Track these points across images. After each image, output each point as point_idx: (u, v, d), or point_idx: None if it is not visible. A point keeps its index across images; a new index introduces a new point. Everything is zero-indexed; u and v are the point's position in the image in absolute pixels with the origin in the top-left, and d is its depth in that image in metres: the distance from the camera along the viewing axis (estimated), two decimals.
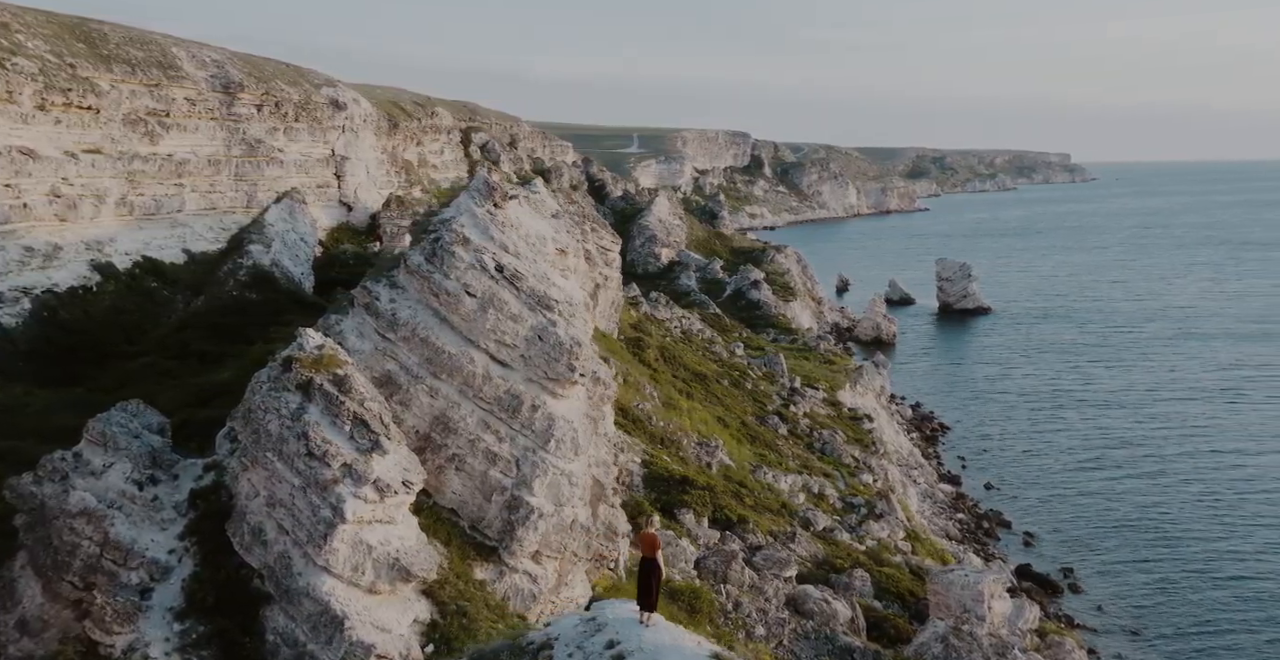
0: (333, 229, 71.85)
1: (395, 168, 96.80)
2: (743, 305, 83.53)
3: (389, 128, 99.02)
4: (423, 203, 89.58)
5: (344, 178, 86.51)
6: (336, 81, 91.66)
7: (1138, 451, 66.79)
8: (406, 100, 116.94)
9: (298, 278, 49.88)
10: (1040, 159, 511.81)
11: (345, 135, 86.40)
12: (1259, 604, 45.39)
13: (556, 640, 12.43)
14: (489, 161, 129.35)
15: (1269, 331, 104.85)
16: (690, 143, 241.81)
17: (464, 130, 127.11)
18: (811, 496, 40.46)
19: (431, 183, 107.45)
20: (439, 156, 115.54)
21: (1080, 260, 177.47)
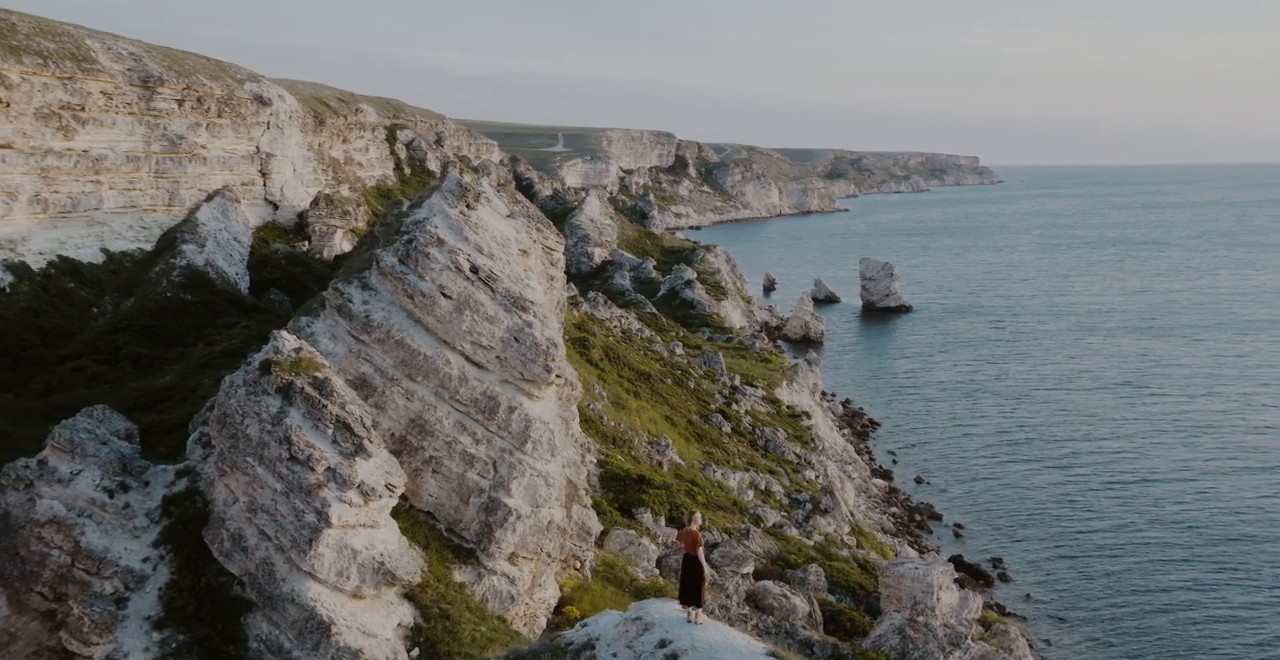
0: (259, 228, 69.93)
1: (322, 165, 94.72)
2: (677, 304, 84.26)
3: (315, 124, 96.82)
4: (352, 201, 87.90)
5: (270, 175, 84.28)
6: (260, 77, 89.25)
7: (1049, 442, 69.83)
8: (330, 96, 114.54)
9: (233, 278, 48.46)
10: (951, 161, 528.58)
11: (271, 132, 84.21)
12: (1168, 584, 47.95)
13: (598, 640, 12.44)
14: (415, 160, 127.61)
15: (1164, 326, 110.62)
16: (616, 142, 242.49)
17: (389, 128, 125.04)
18: (760, 493, 41.21)
19: (357, 181, 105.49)
20: (364, 154, 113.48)
21: (991, 259, 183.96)
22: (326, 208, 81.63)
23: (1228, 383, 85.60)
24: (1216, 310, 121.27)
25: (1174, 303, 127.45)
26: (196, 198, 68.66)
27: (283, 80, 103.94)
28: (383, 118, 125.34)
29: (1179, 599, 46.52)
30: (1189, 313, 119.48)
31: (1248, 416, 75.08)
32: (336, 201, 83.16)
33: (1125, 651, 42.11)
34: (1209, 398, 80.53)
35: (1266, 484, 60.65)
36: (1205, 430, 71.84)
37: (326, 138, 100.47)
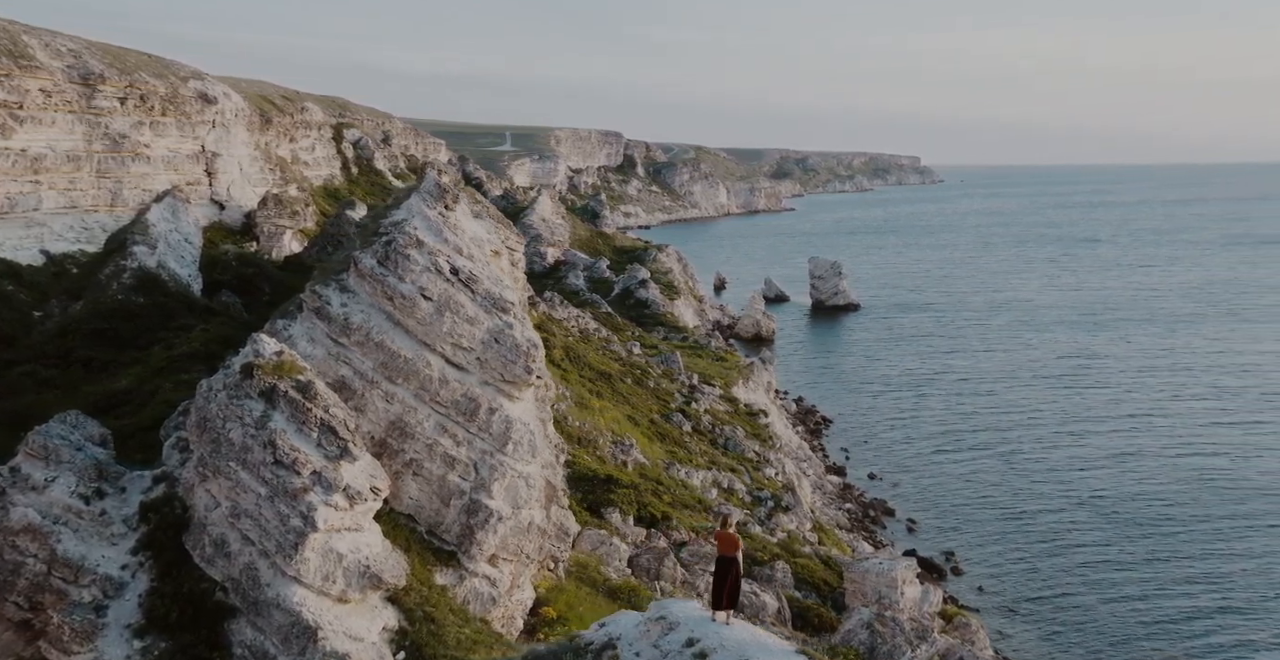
0: (205, 229, 68.48)
1: (269, 165, 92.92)
2: (632, 304, 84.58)
3: (262, 123, 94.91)
4: (300, 201, 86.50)
5: (216, 175, 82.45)
6: (205, 74, 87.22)
7: (992, 434, 71.80)
8: (275, 94, 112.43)
9: (186, 280, 47.43)
10: (894, 161, 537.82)
11: (216, 130, 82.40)
12: (1107, 571, 49.64)
13: (619, 639, 12.50)
14: (363, 159, 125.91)
15: (1098, 321, 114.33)
16: (564, 142, 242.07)
17: (335, 126, 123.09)
18: (723, 492, 41.69)
19: (304, 180, 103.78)
20: (311, 153, 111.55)
21: (933, 257, 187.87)
22: (275, 208, 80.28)
23: (1158, 374, 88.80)
24: (1147, 305, 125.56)
25: (1107, 298, 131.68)
26: (140, 198, 66.97)
27: (226, 78, 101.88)
28: (329, 116, 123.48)
29: (1116, 585, 48.25)
30: (1121, 308, 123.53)
31: (1178, 406, 78.00)
32: (285, 201, 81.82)
33: (1073, 639, 43.51)
34: (1141, 389, 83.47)
35: (1196, 471, 63.11)
36: (1138, 420, 74.53)
37: (273, 137, 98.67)
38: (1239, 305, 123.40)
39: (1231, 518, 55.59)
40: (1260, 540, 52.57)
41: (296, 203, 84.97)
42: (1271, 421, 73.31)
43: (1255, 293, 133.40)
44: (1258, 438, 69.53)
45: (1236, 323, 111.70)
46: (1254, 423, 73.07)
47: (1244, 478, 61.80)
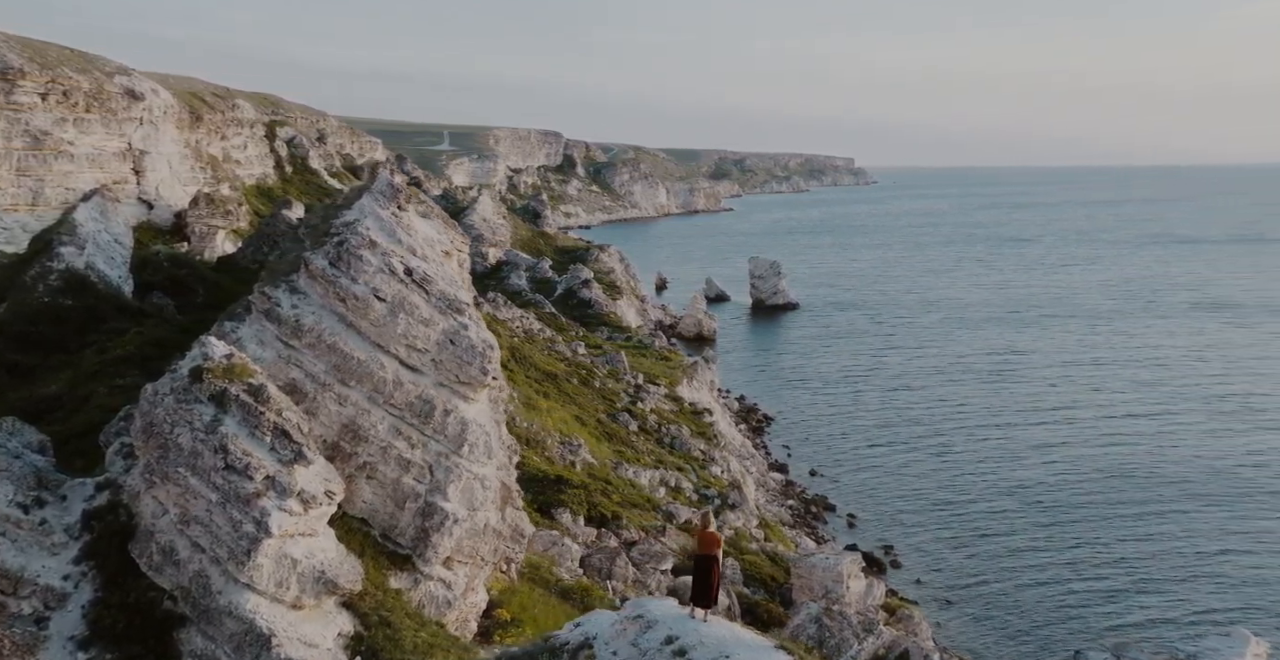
0: (134, 229, 66.44)
1: (200, 163, 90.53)
2: (574, 304, 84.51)
3: (192, 120, 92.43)
4: (233, 201, 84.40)
5: (144, 173, 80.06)
6: (131, 70, 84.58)
7: (926, 429, 73.69)
8: (205, 91, 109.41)
9: (116, 282, 45.93)
10: (828, 163, 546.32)
11: (144, 127, 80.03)
12: (1037, 560, 51.35)
13: (595, 639, 12.47)
14: (297, 158, 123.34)
15: (1025, 318, 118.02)
16: (503, 141, 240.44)
17: (268, 124, 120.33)
18: (670, 490, 41.95)
19: (236, 179, 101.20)
20: (242, 152, 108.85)
21: (868, 256, 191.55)
22: (207, 207, 78.27)
23: (1080, 368, 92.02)
24: (1070, 302, 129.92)
25: (1033, 296, 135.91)
26: (64, 197, 64.74)
27: (154, 74, 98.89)
28: (261, 114, 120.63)
29: (1044, 570, 50.01)
30: (1045, 305, 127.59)
31: (1098, 399, 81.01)
32: (218, 201, 79.79)
33: (1006, 626, 44.88)
34: (1064, 383, 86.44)
35: (1115, 461, 65.67)
36: (1061, 413, 77.23)
37: (204, 134, 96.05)
38: (1154, 302, 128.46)
39: (1147, 504, 58.07)
40: (1173, 525, 54.99)
41: (229, 202, 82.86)
42: (1183, 412, 76.62)
43: (1169, 290, 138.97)
44: (1171, 428, 72.62)
45: (1152, 319, 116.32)
46: (1167, 414, 76.29)
47: (1158, 466, 64.53)
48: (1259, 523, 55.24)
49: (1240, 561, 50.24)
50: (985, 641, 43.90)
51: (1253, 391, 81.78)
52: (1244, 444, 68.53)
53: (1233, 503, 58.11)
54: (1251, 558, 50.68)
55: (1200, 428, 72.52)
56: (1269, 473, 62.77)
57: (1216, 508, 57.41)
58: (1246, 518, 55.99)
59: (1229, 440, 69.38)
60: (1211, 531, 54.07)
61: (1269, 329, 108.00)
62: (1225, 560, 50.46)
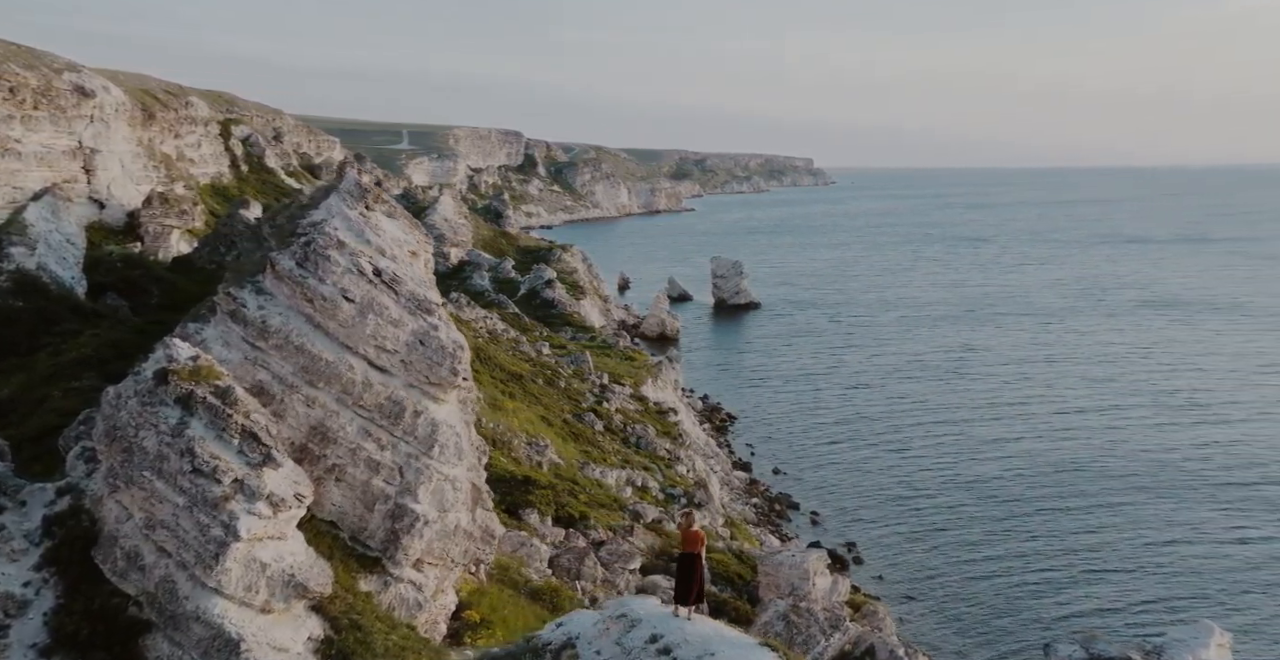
0: (84, 228, 65.01)
1: (154, 162, 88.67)
2: (538, 304, 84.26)
3: (144, 118, 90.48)
4: (188, 200, 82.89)
5: (94, 172, 78.25)
6: (81, 66, 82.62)
7: (885, 426, 74.63)
8: (157, 89, 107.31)
9: (69, 283, 44.94)
10: (788, 163, 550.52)
11: (95, 125, 78.17)
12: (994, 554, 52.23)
13: (578, 638, 12.42)
14: (252, 156, 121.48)
15: (980, 316, 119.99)
16: (463, 141, 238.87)
17: (222, 122, 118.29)
18: (636, 490, 42.02)
19: (191, 178, 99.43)
20: (197, 150, 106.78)
21: (827, 256, 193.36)
22: (161, 207, 76.70)
23: (1034, 365, 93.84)
24: (1023, 301, 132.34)
25: (987, 294, 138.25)
26: (11, 196, 63.02)
27: (104, 70, 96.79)
28: (215, 112, 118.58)
29: (1001, 563, 50.93)
30: (1000, 303, 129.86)
31: (1051, 395, 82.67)
32: (172, 200, 78.23)
33: (966, 621, 45.60)
34: (1018, 380, 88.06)
35: (1068, 456, 67.08)
36: (1016, 409, 78.70)
37: (157, 132, 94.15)
38: (1104, 301, 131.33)
39: (1097, 497, 59.50)
40: (1122, 517, 56.39)
41: (184, 201, 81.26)
42: (1131, 407, 78.49)
43: (1117, 289, 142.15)
44: (1120, 423, 74.37)
45: (1101, 317, 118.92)
46: (1116, 409, 78.10)
47: (1108, 460, 66.08)
48: (1203, 513, 56.83)
49: (1184, 551, 51.65)
50: (946, 634, 44.60)
51: (1196, 387, 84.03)
52: (1188, 438, 70.40)
53: (1178, 494, 59.71)
54: (1196, 547, 52.13)
55: (1147, 422, 74.36)
56: (1213, 465, 64.57)
57: (1163, 499, 58.93)
58: (1191, 509, 57.57)
59: (1174, 434, 71.23)
60: (1158, 522, 55.53)
61: (1211, 326, 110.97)
62: (1171, 550, 51.84)
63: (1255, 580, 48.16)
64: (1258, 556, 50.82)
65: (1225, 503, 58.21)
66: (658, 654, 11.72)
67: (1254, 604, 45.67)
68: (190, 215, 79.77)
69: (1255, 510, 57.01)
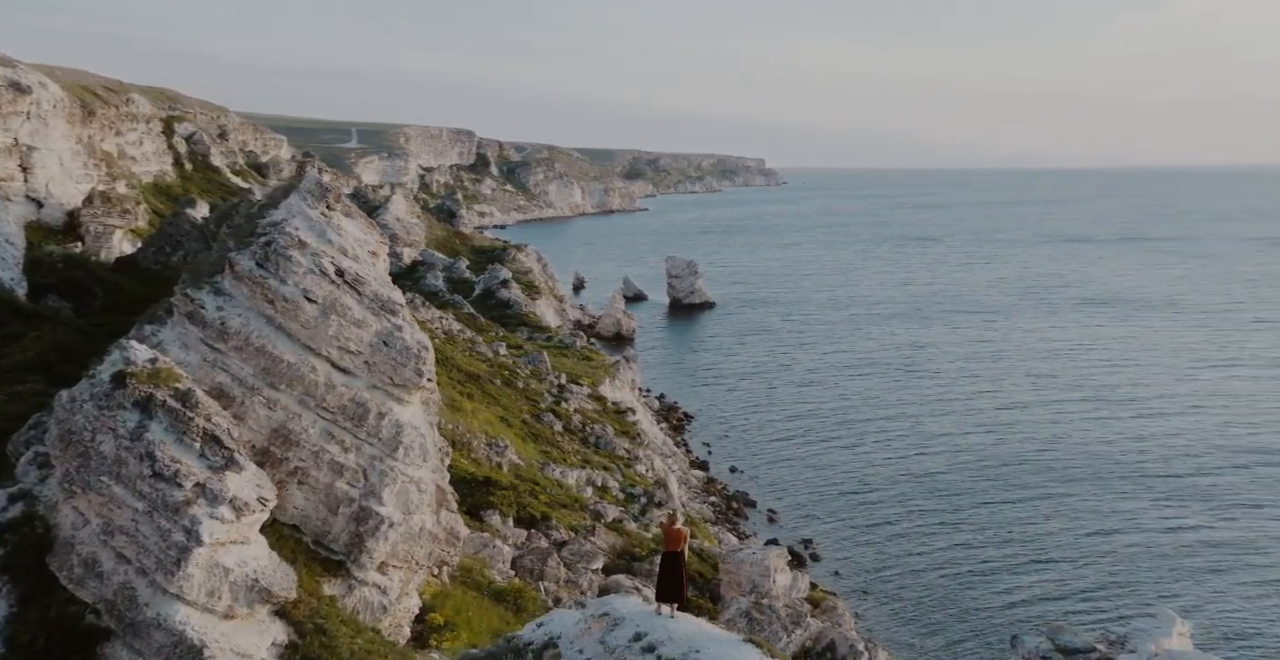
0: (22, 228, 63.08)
1: (94, 160, 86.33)
2: (493, 304, 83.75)
3: (84, 115, 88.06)
4: (131, 199, 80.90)
5: (32, 170, 76.00)
6: (16, 62, 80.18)
7: (838, 424, 75.58)
8: (96, 85, 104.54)
9: (9, 284, 43.56)
10: (740, 163, 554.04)
11: (32, 122, 75.91)
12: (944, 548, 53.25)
13: (559, 638, 12.35)
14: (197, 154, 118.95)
15: (929, 315, 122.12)
16: (414, 139, 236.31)
17: (165, 120, 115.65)
18: (597, 490, 42.02)
19: (133, 176, 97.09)
20: (138, 148, 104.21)
21: (779, 255, 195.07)
22: (103, 206, 74.71)
23: (981, 362, 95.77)
24: (970, 299, 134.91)
25: (935, 293, 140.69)
26: None
27: (40, 66, 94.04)
28: (158, 109, 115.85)
29: (951, 557, 51.91)
30: (948, 302, 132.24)
31: (998, 392, 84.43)
32: (114, 199, 76.27)
33: (919, 613, 46.40)
34: (967, 376, 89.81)
35: (1014, 451, 68.62)
36: (964, 404, 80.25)
37: (97, 130, 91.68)
38: (1048, 298, 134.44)
39: (1041, 488, 61.06)
40: (1064, 508, 57.93)
41: (126, 201, 79.24)
42: (1073, 401, 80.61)
43: (1060, 287, 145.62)
44: (1062, 417, 76.32)
45: (1043, 314, 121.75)
46: (1058, 403, 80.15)
47: (1051, 453, 67.82)
48: (1140, 503, 58.65)
49: (1123, 539, 53.28)
50: (901, 628, 45.33)
51: (1133, 382, 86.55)
52: (1126, 431, 72.54)
53: (1117, 485, 61.54)
54: (1133, 536, 53.82)
55: (1087, 416, 76.43)
56: (1150, 457, 66.63)
57: (1103, 490, 60.66)
58: (1129, 499, 59.36)
59: (1113, 427, 73.33)
60: (1098, 513, 57.18)
61: (1147, 323, 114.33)
62: (1111, 539, 53.45)
63: (1189, 566, 49.88)
64: (1191, 543, 52.61)
65: (1161, 493, 60.09)
66: (642, 652, 11.72)
67: (1188, 589, 47.31)
68: (133, 215, 77.80)
69: (1189, 499, 58.94)
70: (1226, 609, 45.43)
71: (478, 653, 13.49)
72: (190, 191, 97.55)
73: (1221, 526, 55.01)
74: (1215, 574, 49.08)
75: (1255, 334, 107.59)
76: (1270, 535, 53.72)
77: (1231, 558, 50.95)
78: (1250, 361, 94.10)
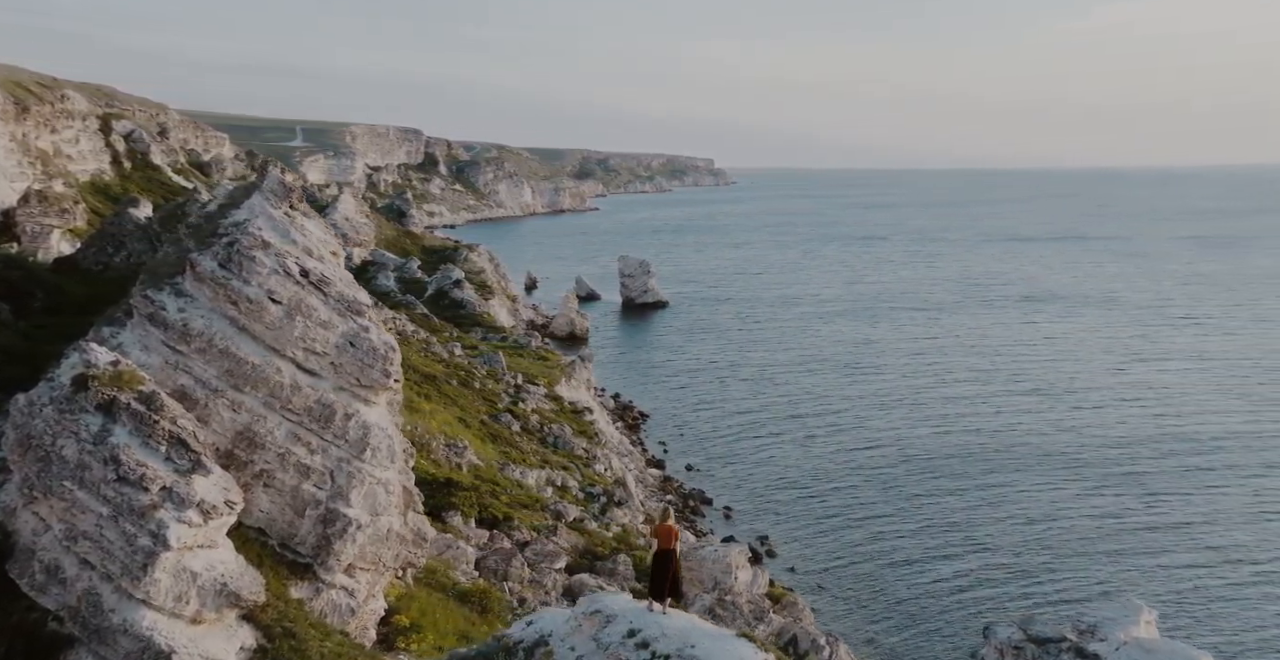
0: None
1: (29, 158, 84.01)
2: (446, 304, 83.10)
3: (17, 112, 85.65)
4: (69, 198, 78.78)
5: None
6: None
7: (789, 420, 76.40)
8: (29, 81, 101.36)
9: None
10: (689, 163, 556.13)
11: None
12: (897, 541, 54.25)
13: (550, 636, 12.35)
14: (136, 153, 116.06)
15: (875, 312, 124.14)
16: (360, 138, 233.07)
17: (102, 117, 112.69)
18: (557, 490, 42.03)
19: (70, 175, 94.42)
20: (74, 146, 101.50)
21: (730, 255, 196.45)
22: (40, 205, 72.73)
23: (927, 358, 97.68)
24: (916, 296, 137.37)
25: (883, 291, 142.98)
26: None
27: None
28: (94, 106, 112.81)
29: (901, 551, 52.90)
30: (895, 299, 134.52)
31: (943, 387, 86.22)
32: (51, 198, 74.27)
33: (874, 608, 47.20)
34: (913, 373, 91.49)
35: (960, 446, 70.11)
36: (910, 401, 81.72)
37: (32, 127, 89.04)
38: (989, 295, 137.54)
39: (986, 479, 62.65)
40: (1009, 499, 59.48)
41: (64, 200, 77.16)
42: (1015, 395, 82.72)
43: (1002, 284, 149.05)
44: (1006, 411, 78.28)
45: (987, 311, 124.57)
46: (1002, 397, 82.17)
47: (997, 446, 69.50)
48: (1079, 491, 60.62)
49: (1065, 526, 55.08)
50: (857, 621, 46.07)
51: (1073, 376, 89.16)
52: (1064, 422, 74.76)
53: (1059, 475, 63.44)
54: (1075, 522, 55.64)
55: (1029, 410, 78.56)
56: (1088, 448, 68.89)
57: (1045, 481, 62.48)
58: (1070, 488, 61.29)
59: (1054, 420, 75.51)
60: (1042, 502, 58.94)
61: (1085, 320, 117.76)
62: (1052, 526, 55.12)
63: (1126, 550, 51.70)
64: (1128, 529, 54.48)
65: (1098, 481, 62.15)
66: (636, 648, 11.77)
67: (1122, 573, 49.06)
68: (72, 214, 75.80)
69: (1126, 488, 60.94)
70: (1159, 591, 47.11)
71: (467, 651, 13.47)
72: (130, 190, 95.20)
73: (1155, 513, 57.11)
74: (1149, 556, 50.98)
75: (1185, 329, 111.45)
76: (1200, 520, 55.94)
77: (1165, 541, 52.96)
78: (1179, 355, 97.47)
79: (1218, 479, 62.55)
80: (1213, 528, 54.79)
